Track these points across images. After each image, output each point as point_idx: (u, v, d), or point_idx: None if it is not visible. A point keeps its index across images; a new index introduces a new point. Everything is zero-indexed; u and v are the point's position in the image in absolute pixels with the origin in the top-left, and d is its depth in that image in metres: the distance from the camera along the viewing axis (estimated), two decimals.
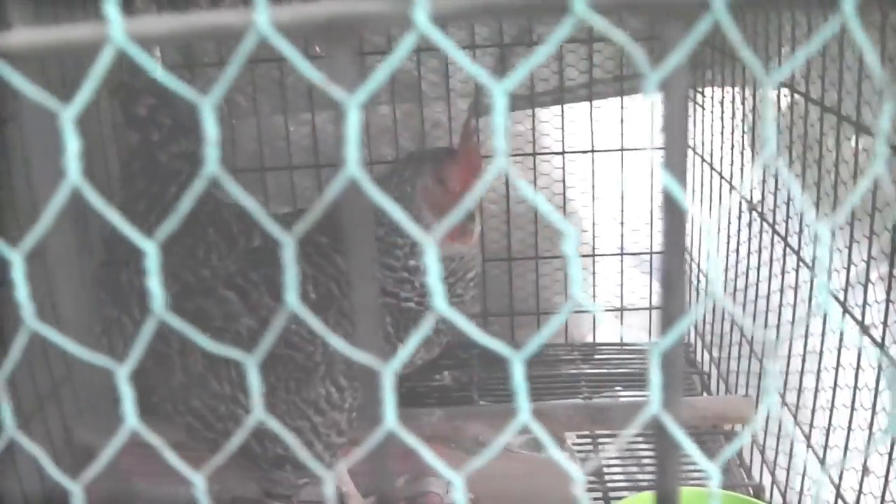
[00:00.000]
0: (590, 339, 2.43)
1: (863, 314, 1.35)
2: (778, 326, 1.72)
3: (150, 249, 0.35)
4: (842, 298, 1.42)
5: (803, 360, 1.60)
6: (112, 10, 0.31)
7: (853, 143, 1.42)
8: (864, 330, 1.35)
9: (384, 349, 0.37)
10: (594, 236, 2.34)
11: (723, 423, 1.99)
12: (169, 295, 1.50)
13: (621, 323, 2.42)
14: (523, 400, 0.38)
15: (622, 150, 2.25)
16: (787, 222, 1.66)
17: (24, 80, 0.32)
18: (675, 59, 0.33)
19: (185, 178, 1.56)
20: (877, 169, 0.35)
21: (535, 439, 2.03)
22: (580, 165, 2.29)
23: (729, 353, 2.03)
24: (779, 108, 1.72)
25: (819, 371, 1.54)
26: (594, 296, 2.41)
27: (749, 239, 1.90)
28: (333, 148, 2.25)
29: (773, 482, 1.75)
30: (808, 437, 1.58)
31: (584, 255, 2.38)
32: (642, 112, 2.25)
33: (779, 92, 1.71)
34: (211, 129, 0.32)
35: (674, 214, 0.37)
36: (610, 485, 1.91)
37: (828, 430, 1.50)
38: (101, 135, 1.97)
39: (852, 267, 1.42)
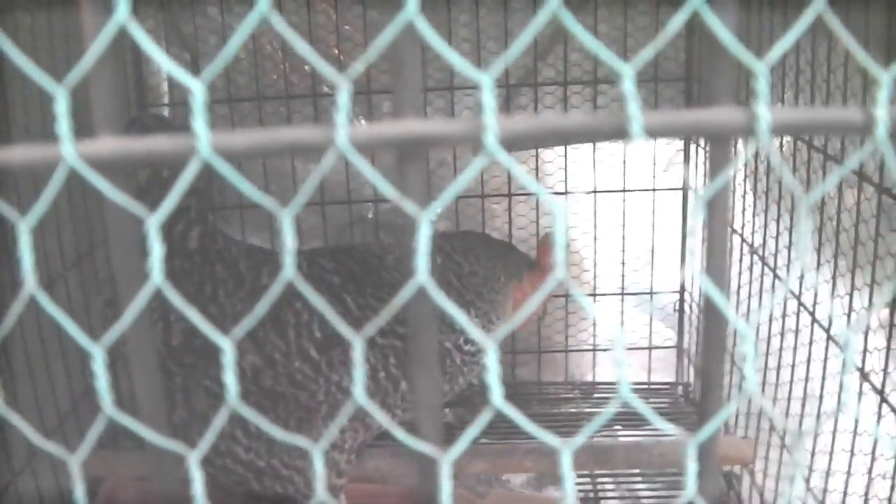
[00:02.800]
0: (590, 378, 2.45)
1: (863, 361, 1.37)
2: (778, 370, 1.74)
3: (227, 347, 0.37)
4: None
5: (803, 404, 1.62)
6: (201, 126, 0.34)
7: (855, 190, 1.45)
8: (865, 376, 1.37)
9: (440, 437, 0.40)
10: (595, 276, 2.37)
11: (723, 464, 2.01)
12: (178, 330, 1.53)
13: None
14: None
15: (624, 190, 2.28)
16: (788, 267, 1.69)
17: (111, 188, 0.34)
18: (720, 181, 0.36)
19: (193, 215, 1.57)
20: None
21: (536, 477, 2.05)
22: (582, 206, 2.32)
23: (729, 394, 2.05)
24: (781, 154, 1.75)
25: (819, 415, 1.56)
26: (594, 335, 2.43)
27: (750, 282, 1.92)
28: (340, 186, 2.28)
29: None
30: (807, 481, 1.60)
31: (584, 294, 2.40)
32: (644, 154, 2.28)
33: (781, 138, 1.74)
34: (290, 239, 0.34)
35: (714, 316, 0.39)
36: None
37: (827, 474, 1.52)
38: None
39: (853, 314, 1.44)
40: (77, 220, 1.82)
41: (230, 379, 0.36)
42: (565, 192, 2.30)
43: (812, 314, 1.56)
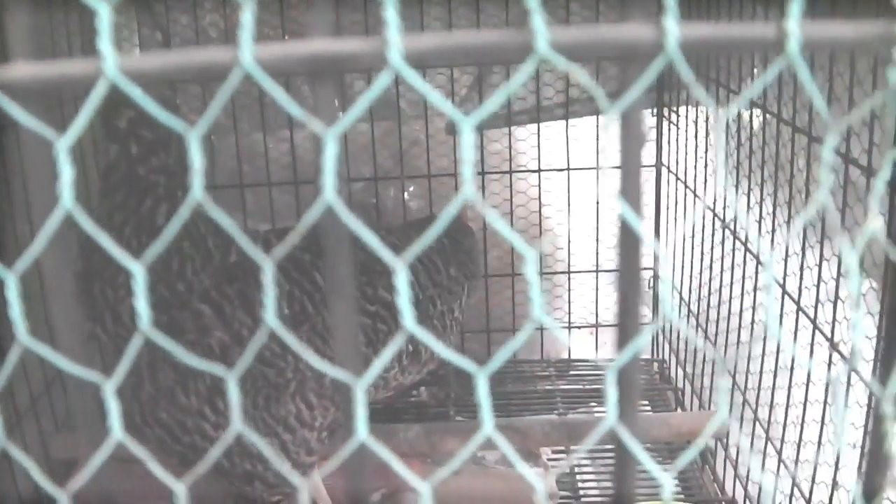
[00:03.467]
0: (565, 356, 2.46)
1: (832, 331, 1.38)
2: (750, 343, 1.74)
3: (138, 271, 0.37)
4: (812, 315, 1.45)
5: (774, 376, 1.63)
6: (106, 47, 0.33)
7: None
8: (834, 346, 1.38)
9: (359, 366, 0.39)
10: (569, 253, 2.37)
11: (697, 438, 2.02)
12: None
13: (596, 339, 2.44)
14: (488, 414, 0.40)
15: (597, 168, 2.28)
16: (758, 242, 1.69)
17: (22, 111, 0.34)
18: (632, 96, 0.35)
19: (161, 192, 1.56)
20: (821, 197, 0.37)
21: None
22: (556, 183, 2.31)
23: (703, 370, 2.05)
24: (751, 127, 1.75)
25: (790, 387, 1.56)
26: (570, 312, 2.43)
27: (722, 256, 1.93)
28: (312, 165, 2.27)
29: (746, 497, 1.78)
30: (779, 452, 1.61)
31: (559, 272, 2.40)
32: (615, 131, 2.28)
33: (751, 112, 1.75)
34: (197, 159, 0.34)
35: (629, 239, 0.39)
36: (584, 500, 1.93)
37: (798, 445, 1.52)
38: (80, 146, 1.99)
39: (822, 284, 1.44)
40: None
41: (141, 306, 0.36)
42: (538, 170, 2.30)
43: (783, 287, 1.56)
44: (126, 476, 1.86)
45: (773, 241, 1.64)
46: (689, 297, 2.18)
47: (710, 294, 2.01)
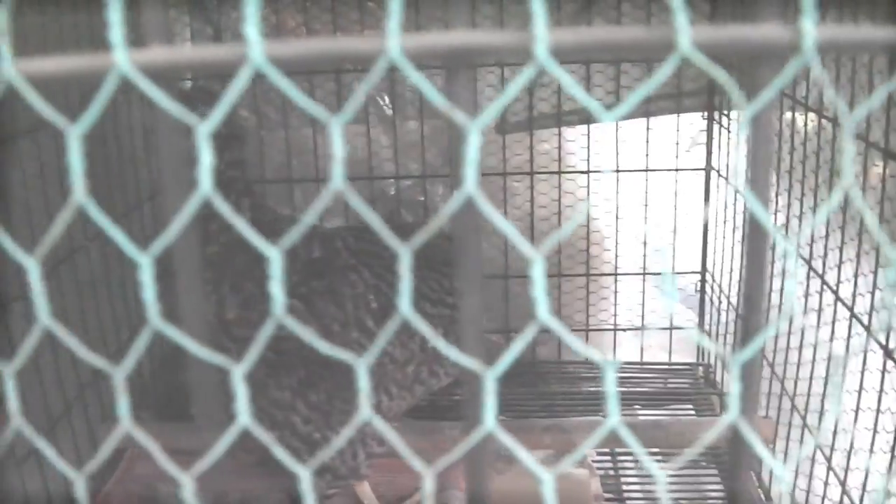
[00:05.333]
0: (610, 358, 2.45)
1: (887, 338, 1.37)
2: (800, 348, 1.73)
3: (275, 257, 0.37)
4: (866, 322, 1.44)
5: (825, 383, 1.62)
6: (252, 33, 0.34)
7: (880, 169, 1.44)
8: (888, 354, 1.37)
9: (484, 355, 0.40)
10: (616, 255, 2.36)
11: (751, 457, 2.00)
12: (234, 303, 1.52)
13: (641, 342, 2.43)
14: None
15: (647, 170, 2.27)
16: (811, 247, 1.68)
17: (161, 94, 0.34)
18: (766, 97, 0.35)
19: (241, 187, 1.56)
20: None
21: (555, 455, 2.05)
22: (605, 185, 2.31)
23: (758, 387, 2.04)
24: (805, 132, 1.74)
25: (841, 393, 1.55)
26: (615, 314, 2.43)
27: (772, 261, 1.91)
28: (361, 162, 2.28)
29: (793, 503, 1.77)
30: (828, 459, 1.60)
31: (606, 274, 2.40)
32: (668, 133, 2.28)
33: (806, 116, 1.73)
34: (338, 148, 0.34)
35: (757, 235, 0.39)
36: (629, 502, 1.93)
37: (849, 453, 1.51)
38: (133, 144, 2.00)
39: (877, 291, 1.43)
40: (99, 189, 1.83)
41: (276, 289, 0.36)
42: (587, 171, 2.29)
43: (836, 293, 1.55)
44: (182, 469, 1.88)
45: (826, 246, 1.63)
46: (738, 302, 2.16)
47: (769, 307, 2.00)
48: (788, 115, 1.80)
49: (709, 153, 2.30)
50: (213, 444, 0.39)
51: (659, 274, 2.38)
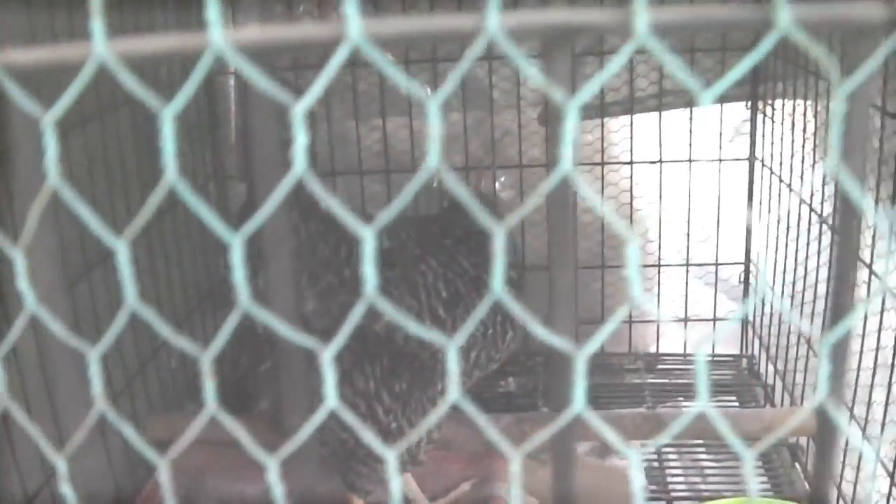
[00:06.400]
0: (653, 349, 2.44)
1: None
2: (848, 339, 1.71)
3: (369, 237, 0.37)
4: None
5: (873, 374, 1.60)
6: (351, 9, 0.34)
7: None
8: None
9: (574, 335, 0.40)
10: (660, 247, 2.35)
11: (788, 435, 1.99)
12: (313, 294, 1.53)
13: (685, 333, 2.42)
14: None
15: (690, 160, 2.26)
16: (857, 235, 1.66)
17: (260, 74, 0.34)
18: (862, 74, 0.35)
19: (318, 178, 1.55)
20: None
21: (600, 446, 2.05)
22: (648, 176, 2.30)
23: (795, 366, 2.03)
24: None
25: (890, 384, 1.54)
26: (658, 306, 2.42)
27: (819, 252, 1.90)
28: (403, 154, 2.28)
29: (840, 496, 1.75)
30: (876, 451, 1.59)
31: (649, 266, 2.38)
32: (710, 124, 2.26)
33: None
34: (436, 128, 0.34)
35: (848, 215, 0.39)
36: (673, 494, 1.92)
37: None
38: (191, 134, 2.03)
39: None
40: (144, 185, 1.84)
41: (369, 269, 0.36)
42: (630, 162, 2.29)
43: (884, 283, 1.54)
44: (217, 458, 1.89)
45: (874, 236, 1.62)
46: (783, 293, 2.15)
47: (804, 289, 1.98)
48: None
49: (752, 143, 2.28)
50: (300, 431, 0.39)
51: (702, 265, 2.37)
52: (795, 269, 2.03)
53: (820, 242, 1.89)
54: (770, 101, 2.18)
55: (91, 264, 1.62)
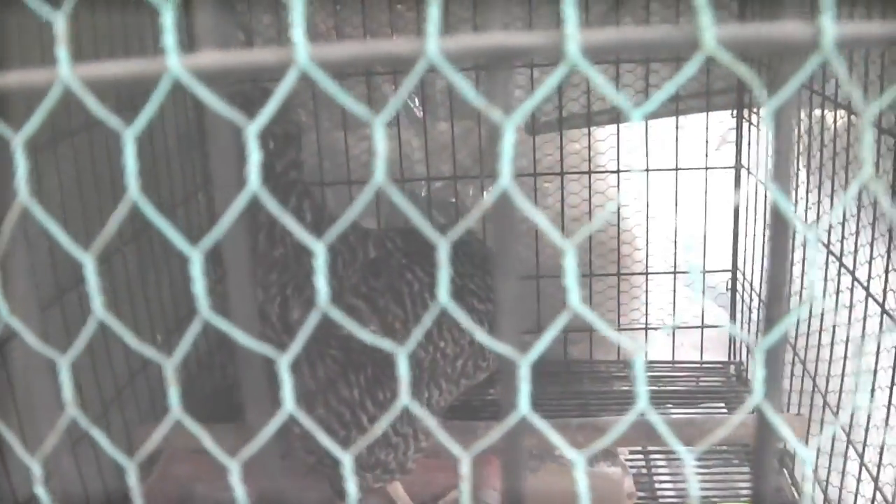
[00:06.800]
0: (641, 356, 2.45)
1: None
2: (832, 345, 1.74)
3: (320, 252, 0.39)
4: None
5: (856, 380, 1.62)
6: (299, 35, 0.35)
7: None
8: None
9: (519, 343, 0.41)
10: (647, 255, 2.37)
11: (776, 441, 2.00)
12: (298, 303, 1.54)
13: (673, 341, 2.44)
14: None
15: (677, 169, 2.28)
16: (842, 242, 1.68)
17: (212, 95, 0.36)
18: (786, 92, 0.37)
19: (301, 189, 1.55)
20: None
21: (587, 453, 2.06)
22: (635, 184, 2.32)
23: (782, 373, 2.04)
24: (835, 129, 1.75)
25: (872, 390, 1.55)
26: (647, 313, 2.43)
27: (803, 259, 1.92)
28: (391, 164, 2.30)
29: (826, 501, 1.77)
30: (860, 456, 1.60)
31: (637, 273, 2.40)
32: (698, 132, 2.28)
33: (835, 113, 1.74)
34: (381, 146, 0.36)
35: (780, 225, 0.41)
36: (661, 501, 1.94)
37: (882, 449, 1.52)
38: (167, 147, 2.04)
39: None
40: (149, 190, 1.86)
41: (321, 283, 0.38)
42: (618, 171, 2.30)
43: (867, 289, 1.56)
44: (208, 466, 1.90)
45: (857, 242, 1.63)
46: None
47: (790, 295, 2.00)
48: (818, 111, 1.80)
49: (738, 151, 2.30)
50: (262, 431, 0.41)
51: (689, 273, 2.39)
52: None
53: (804, 249, 1.91)
54: (755, 110, 2.20)
55: (65, 288, 1.63)
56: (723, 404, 2.27)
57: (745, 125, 2.27)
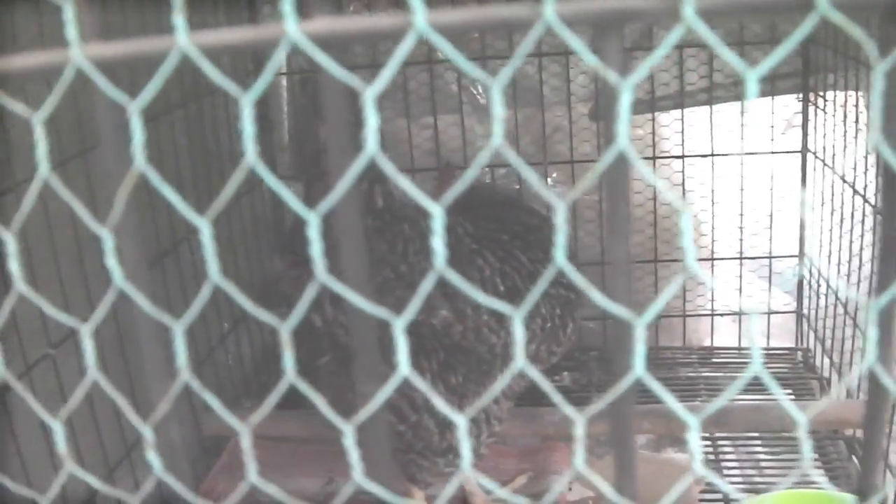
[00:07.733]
0: (707, 343, 2.44)
1: None
2: None
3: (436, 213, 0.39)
4: None
5: None
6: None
7: None
8: None
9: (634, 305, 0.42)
10: (713, 241, 2.35)
11: (844, 427, 1.99)
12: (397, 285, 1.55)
13: (739, 328, 2.42)
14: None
15: (742, 154, 2.26)
16: None
17: (330, 60, 0.36)
18: None
19: (373, 174, 1.53)
20: None
21: (655, 439, 2.06)
22: (700, 170, 2.30)
23: (851, 359, 2.02)
24: None
25: None
26: (712, 300, 2.42)
27: (873, 243, 1.89)
28: (455, 152, 2.31)
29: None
30: None
31: (702, 259, 2.39)
32: (763, 117, 2.26)
33: None
34: (498, 108, 0.36)
35: (890, 187, 0.40)
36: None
37: None
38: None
39: None
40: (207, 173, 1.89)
41: (438, 244, 0.38)
42: (682, 156, 2.29)
43: None
44: (274, 453, 1.92)
45: None
46: (837, 285, 2.14)
47: (859, 281, 1.98)
48: None
49: (805, 135, 2.28)
50: (374, 397, 0.41)
51: (756, 258, 2.37)
52: (850, 261, 2.02)
53: (875, 233, 1.88)
54: (822, 93, 2.18)
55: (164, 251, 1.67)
56: (790, 391, 2.25)
57: (812, 109, 2.24)
